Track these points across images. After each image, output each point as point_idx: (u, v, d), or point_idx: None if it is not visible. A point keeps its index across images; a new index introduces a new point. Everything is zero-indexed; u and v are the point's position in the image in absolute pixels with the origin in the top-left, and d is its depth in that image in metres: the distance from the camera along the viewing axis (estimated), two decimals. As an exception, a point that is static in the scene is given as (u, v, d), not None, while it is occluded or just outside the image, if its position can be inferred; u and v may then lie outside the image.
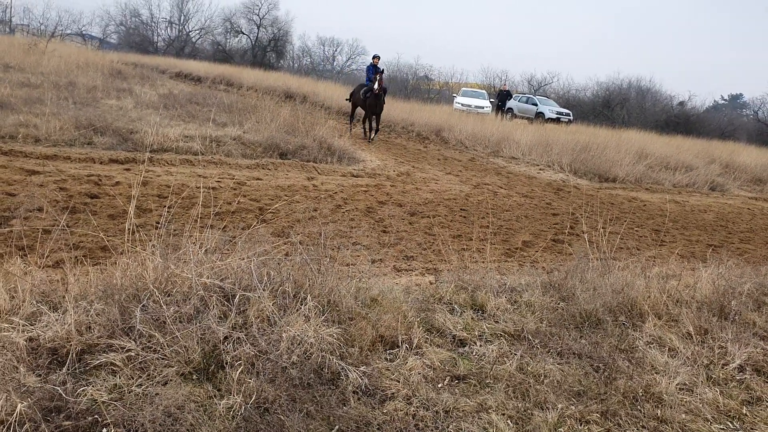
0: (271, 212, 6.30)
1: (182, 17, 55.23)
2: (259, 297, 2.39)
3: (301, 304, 2.55)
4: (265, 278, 2.56)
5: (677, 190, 13.81)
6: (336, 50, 59.79)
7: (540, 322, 3.34)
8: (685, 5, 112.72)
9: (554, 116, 27.89)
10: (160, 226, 4.94)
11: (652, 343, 3.25)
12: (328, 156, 10.17)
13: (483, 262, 5.42)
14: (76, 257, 4.09)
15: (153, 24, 55.11)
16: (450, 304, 3.35)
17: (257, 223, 5.84)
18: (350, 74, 55.84)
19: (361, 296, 2.95)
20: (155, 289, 2.45)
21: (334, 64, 59.94)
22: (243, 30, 54.86)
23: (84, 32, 54.38)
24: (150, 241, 2.96)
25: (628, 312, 3.61)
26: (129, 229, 3.02)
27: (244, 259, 2.70)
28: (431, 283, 3.99)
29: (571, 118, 29.21)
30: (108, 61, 22.15)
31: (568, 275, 3.94)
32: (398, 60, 50.74)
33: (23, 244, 4.06)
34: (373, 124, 14.74)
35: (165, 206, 5.96)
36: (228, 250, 3.38)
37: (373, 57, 14.95)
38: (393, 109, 18.36)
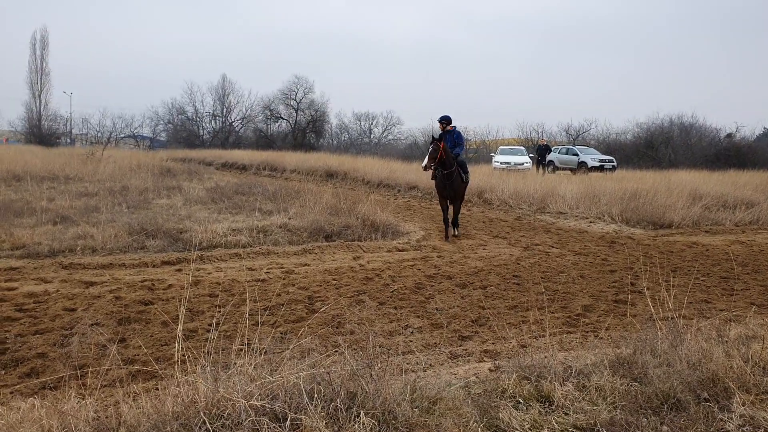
0: (319, 301, 6.27)
1: (224, 110, 58.76)
2: (311, 424, 2.29)
3: (355, 420, 2.43)
4: (316, 395, 2.47)
5: (740, 229, 13.08)
6: (372, 123, 61.81)
7: (614, 409, 3.07)
8: (714, 36, 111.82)
9: (597, 164, 27.52)
10: (211, 329, 4.98)
11: (745, 426, 2.92)
12: (372, 233, 10.20)
13: (543, 335, 5.15)
14: (130, 372, 4.13)
15: (198, 119, 58.77)
16: (514, 397, 3.14)
17: (306, 313, 5.80)
18: (387, 145, 57.29)
19: (418, 401, 2.80)
20: (205, 418, 2.39)
21: (371, 136, 61.74)
22: (282, 115, 57.83)
23: (136, 134, 58.50)
24: (199, 360, 2.93)
25: (711, 388, 3.29)
26: (178, 349, 3.01)
27: (293, 374, 2.62)
28: (491, 371, 3.78)
29: (615, 164, 28.73)
30: (158, 160, 23.55)
31: (637, 351, 3.66)
32: (432, 124, 51.86)
33: (81, 363, 4.15)
34: (450, 212, 11.01)
35: (216, 305, 6.04)
36: (279, 350, 3.32)
37: (440, 121, 11.09)
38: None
